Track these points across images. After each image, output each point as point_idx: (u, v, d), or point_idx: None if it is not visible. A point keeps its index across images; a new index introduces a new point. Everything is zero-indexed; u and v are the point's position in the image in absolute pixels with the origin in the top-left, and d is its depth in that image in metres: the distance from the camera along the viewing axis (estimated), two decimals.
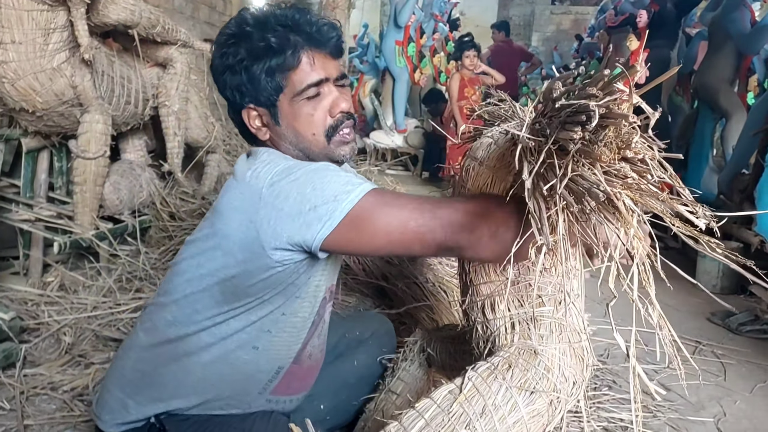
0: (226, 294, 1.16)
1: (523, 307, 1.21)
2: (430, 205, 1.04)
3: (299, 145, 1.19)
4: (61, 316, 1.99)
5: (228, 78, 1.16)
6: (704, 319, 3.08)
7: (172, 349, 1.21)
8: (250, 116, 1.18)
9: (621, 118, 0.80)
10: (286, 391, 1.33)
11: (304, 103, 1.15)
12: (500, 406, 1.11)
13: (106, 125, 2.44)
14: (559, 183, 0.85)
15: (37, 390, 1.70)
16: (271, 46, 1.12)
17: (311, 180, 1.05)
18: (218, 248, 1.13)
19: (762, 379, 2.30)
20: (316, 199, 1.03)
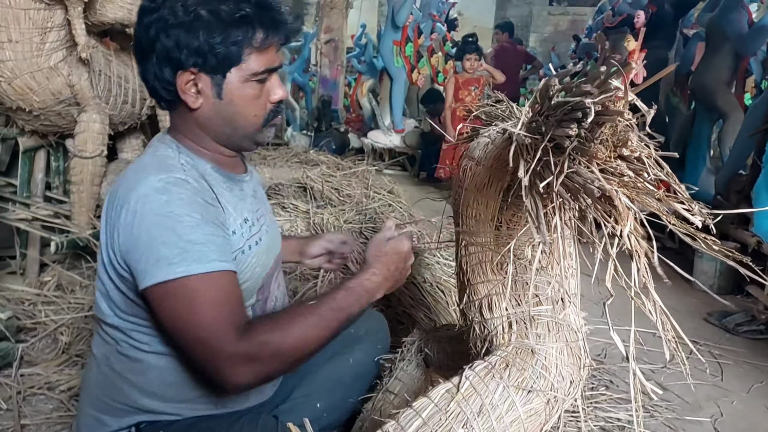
0: (126, 303, 1.12)
1: (521, 307, 1.21)
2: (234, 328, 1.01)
3: (231, 123, 1.14)
4: (58, 315, 1.98)
5: (178, 32, 1.05)
6: (701, 319, 3.08)
7: (123, 360, 1.17)
8: (187, 80, 1.08)
9: (617, 115, 0.80)
10: None
11: (253, 85, 1.12)
12: (497, 405, 1.12)
13: (104, 125, 2.44)
14: (555, 180, 0.86)
15: (34, 390, 1.70)
16: (246, 19, 1.07)
17: (153, 228, 1.01)
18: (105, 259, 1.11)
19: (759, 380, 2.31)
20: (145, 253, 1.00)
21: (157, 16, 1.05)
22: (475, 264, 1.28)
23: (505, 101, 1.34)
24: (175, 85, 1.09)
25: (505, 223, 1.27)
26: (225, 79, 1.09)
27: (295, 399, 1.48)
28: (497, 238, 1.27)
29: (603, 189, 0.81)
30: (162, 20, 1.05)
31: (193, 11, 1.05)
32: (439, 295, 2.26)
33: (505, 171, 1.22)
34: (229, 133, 1.15)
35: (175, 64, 1.07)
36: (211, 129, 1.14)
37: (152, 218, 1.00)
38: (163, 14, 1.05)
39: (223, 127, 1.14)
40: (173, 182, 1.04)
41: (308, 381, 1.50)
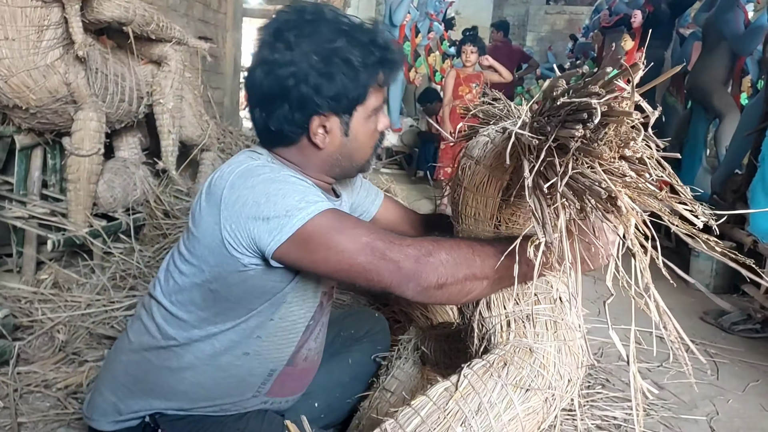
0: (207, 300, 1.16)
1: (519, 305, 1.21)
2: (383, 242, 1.03)
3: (351, 157, 1.20)
4: (54, 313, 1.98)
5: (318, 81, 1.09)
6: (697, 318, 3.10)
7: (162, 354, 1.20)
8: (321, 123, 1.14)
9: (623, 116, 0.80)
10: (281, 392, 1.32)
11: (372, 119, 1.19)
12: (496, 403, 1.12)
13: (100, 123, 2.43)
14: (560, 181, 0.86)
15: (30, 387, 1.69)
16: (375, 64, 1.13)
17: (266, 190, 1.05)
18: (194, 253, 1.14)
19: (754, 378, 2.32)
20: (269, 211, 1.03)
21: (295, 67, 1.09)
22: None
23: (503, 100, 1.34)
24: (305, 128, 1.14)
25: (504, 222, 1.27)
26: (351, 117, 1.16)
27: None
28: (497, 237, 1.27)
29: (609, 191, 0.81)
30: (302, 71, 1.09)
31: (329, 59, 1.09)
32: None
33: (504, 170, 1.22)
34: (345, 166, 1.22)
35: (311, 109, 1.12)
36: (329, 164, 1.20)
37: (267, 183, 1.06)
38: (302, 66, 1.09)
39: (342, 161, 1.20)
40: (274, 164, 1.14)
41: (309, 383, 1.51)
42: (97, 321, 1.97)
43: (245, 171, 1.08)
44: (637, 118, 0.82)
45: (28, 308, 2.01)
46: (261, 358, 1.23)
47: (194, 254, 1.14)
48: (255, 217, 1.04)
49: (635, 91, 0.84)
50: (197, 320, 1.18)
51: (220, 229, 1.07)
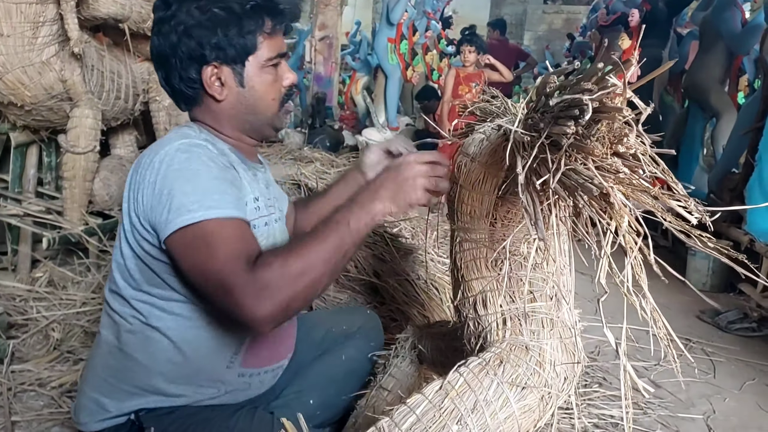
0: (143, 272, 1.16)
1: (515, 303, 1.21)
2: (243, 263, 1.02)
3: (254, 109, 1.22)
4: (49, 312, 1.97)
5: (199, 31, 1.14)
6: (694, 317, 3.10)
7: (132, 339, 1.20)
8: (211, 74, 1.17)
9: (615, 112, 0.79)
10: (257, 362, 1.30)
11: (269, 70, 1.22)
12: (492, 401, 1.11)
13: (96, 120, 2.42)
14: (552, 177, 0.85)
15: (24, 386, 1.68)
16: (255, 9, 1.17)
17: (174, 182, 1.07)
18: (125, 231, 1.16)
19: (751, 377, 2.32)
20: (169, 203, 1.06)
21: (175, 21, 1.15)
22: (469, 260, 1.27)
23: (500, 97, 1.33)
24: (200, 82, 1.17)
25: (500, 220, 1.26)
26: (244, 67, 1.19)
27: (287, 396, 1.48)
28: (492, 235, 1.27)
29: (601, 187, 0.80)
30: (181, 24, 1.14)
31: (209, 10, 1.14)
32: (433, 292, 2.26)
33: (500, 167, 1.22)
34: (252, 120, 1.24)
35: (198, 61, 1.16)
36: (235, 118, 1.22)
37: (174, 173, 1.07)
38: (181, 18, 1.14)
39: (247, 115, 1.23)
40: (194, 145, 1.12)
41: (300, 377, 1.50)
42: (92, 319, 1.96)
43: (164, 154, 1.10)
44: (629, 115, 0.81)
45: (22, 306, 2.01)
46: (225, 326, 1.21)
47: (125, 229, 1.16)
48: (158, 204, 1.07)
49: (627, 87, 0.84)
50: (146, 298, 1.18)
51: (135, 202, 1.11)
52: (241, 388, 1.29)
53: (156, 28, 1.18)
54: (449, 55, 8.78)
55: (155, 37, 1.19)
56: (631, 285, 0.90)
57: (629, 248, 0.87)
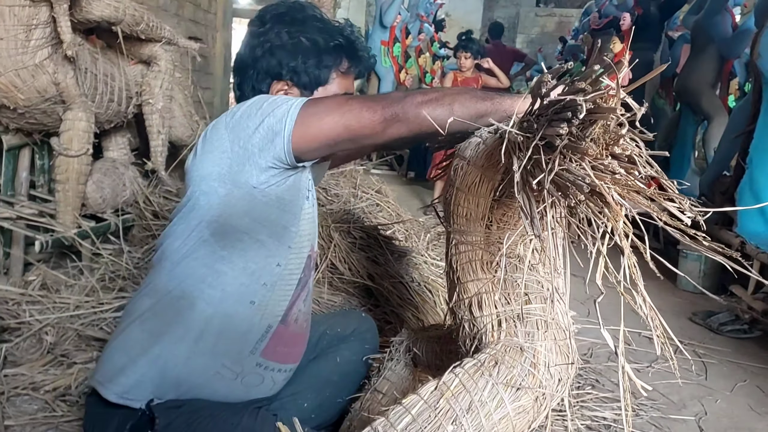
0: (216, 235, 1.22)
1: (510, 305, 1.22)
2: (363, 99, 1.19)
3: None
4: (42, 315, 1.96)
5: (282, 53, 1.28)
6: (686, 318, 3.12)
7: (175, 302, 1.23)
8: (280, 88, 1.30)
9: (608, 113, 0.80)
10: (273, 356, 1.34)
11: None
12: (486, 402, 1.12)
13: (89, 123, 2.41)
14: (546, 177, 0.86)
15: (18, 390, 1.67)
16: (337, 48, 1.31)
17: (264, 99, 1.19)
18: (199, 196, 1.21)
19: (742, 378, 2.34)
20: (273, 108, 1.15)
21: (264, 38, 1.29)
22: (465, 262, 1.28)
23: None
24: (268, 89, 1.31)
25: (496, 222, 1.27)
26: (312, 95, 1.30)
27: (282, 398, 1.49)
28: (488, 237, 1.28)
29: (593, 185, 0.81)
30: (269, 42, 1.28)
31: (296, 37, 1.28)
32: (427, 295, 2.27)
33: (496, 170, 1.22)
34: None
35: (273, 76, 1.30)
36: None
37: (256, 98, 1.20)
38: (270, 37, 1.28)
39: None
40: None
41: (296, 380, 1.51)
42: (86, 323, 1.96)
43: (237, 105, 1.22)
44: (623, 116, 0.82)
45: (15, 310, 1.99)
46: (263, 310, 1.28)
47: (198, 194, 1.22)
48: (262, 119, 1.15)
49: (621, 88, 0.85)
50: (209, 261, 1.22)
51: (228, 156, 1.17)
52: (255, 381, 1.33)
53: (246, 39, 1.32)
54: (442, 57, 8.80)
55: (243, 46, 1.33)
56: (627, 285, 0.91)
57: (625, 247, 0.87)
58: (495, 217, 1.27)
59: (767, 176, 3.55)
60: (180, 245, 1.24)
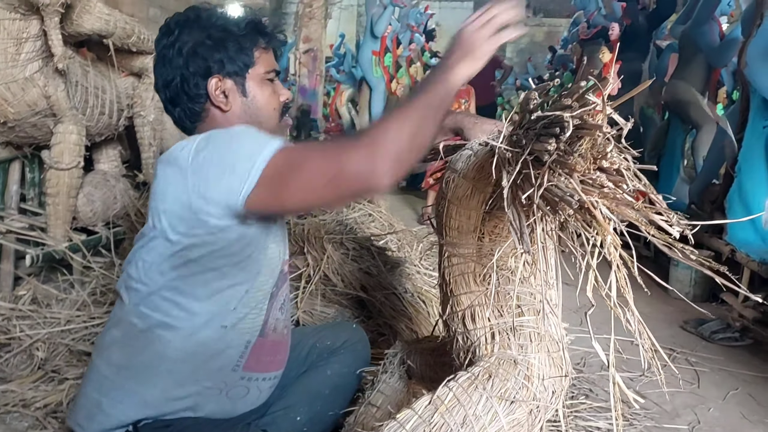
0: (178, 269, 1.20)
1: (503, 317, 1.22)
2: (333, 150, 1.10)
3: (257, 118, 1.30)
4: (33, 330, 1.95)
5: (203, 50, 1.25)
6: (677, 327, 3.13)
7: (143, 337, 1.23)
8: (216, 86, 1.25)
9: (595, 129, 0.81)
10: (257, 367, 1.35)
11: (267, 83, 1.32)
12: (481, 416, 1.12)
13: (80, 136, 2.41)
14: (535, 192, 0.87)
15: (8, 407, 1.66)
16: (251, 28, 1.29)
17: (228, 144, 1.14)
18: (160, 230, 1.18)
19: (734, 387, 2.34)
20: (234, 161, 1.10)
21: (180, 44, 1.25)
22: (458, 275, 1.28)
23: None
24: (205, 95, 1.26)
25: (488, 235, 1.28)
26: (245, 80, 1.29)
27: (274, 413, 1.48)
28: (480, 249, 1.28)
29: (582, 202, 0.82)
30: (186, 44, 1.25)
31: (210, 32, 1.26)
32: (421, 306, 2.27)
33: (487, 182, 1.23)
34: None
35: (204, 75, 1.25)
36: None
37: (222, 142, 1.14)
38: (185, 40, 1.25)
39: (251, 123, 1.27)
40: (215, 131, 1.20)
41: (287, 394, 1.51)
42: (77, 338, 1.94)
43: (206, 137, 1.16)
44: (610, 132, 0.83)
45: (5, 325, 1.98)
46: (237, 329, 1.28)
47: (159, 228, 1.18)
48: (221, 174, 1.10)
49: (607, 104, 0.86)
50: (172, 295, 1.21)
51: (188, 195, 1.12)
52: (241, 393, 1.34)
53: (161, 56, 1.28)
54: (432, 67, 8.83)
55: (160, 66, 1.28)
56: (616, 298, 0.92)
57: (614, 261, 0.88)
58: (486, 229, 1.28)
59: (756, 184, 3.58)
60: (142, 277, 1.22)
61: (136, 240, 1.27)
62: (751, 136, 3.62)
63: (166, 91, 1.28)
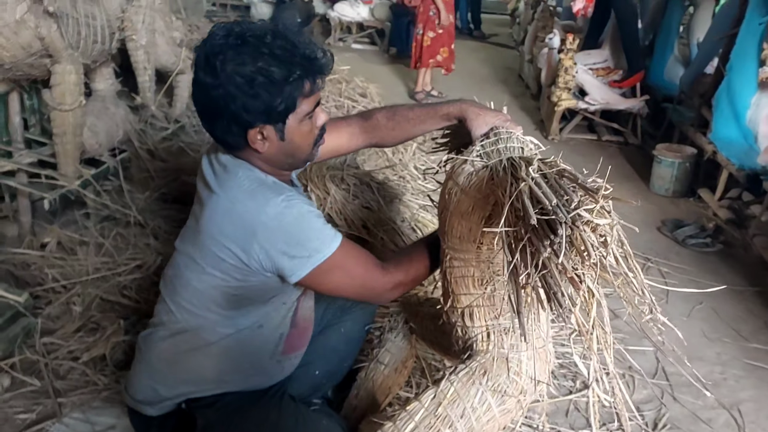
0: (230, 302, 1.37)
1: (498, 320, 1.40)
2: (372, 279, 1.39)
3: (293, 155, 1.36)
4: (67, 280, 2.12)
5: (244, 100, 1.22)
6: (655, 229, 3.34)
7: (189, 339, 1.41)
8: (256, 134, 1.28)
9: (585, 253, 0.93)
10: (292, 349, 1.56)
11: (306, 122, 1.33)
12: (477, 407, 1.34)
13: (79, 75, 2.41)
14: (532, 277, 1.01)
15: (59, 360, 1.87)
16: (298, 76, 1.24)
17: (293, 231, 1.27)
18: (215, 268, 1.32)
19: (699, 301, 2.60)
20: (295, 252, 1.27)
21: (221, 90, 1.22)
22: (458, 277, 1.44)
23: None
24: (244, 139, 1.29)
25: (486, 244, 1.41)
26: (285, 125, 1.30)
27: (297, 368, 1.69)
28: (478, 256, 1.42)
29: (573, 302, 0.96)
30: (228, 93, 1.22)
31: (252, 81, 1.21)
32: (417, 236, 2.44)
33: (486, 202, 1.35)
34: (290, 162, 1.40)
35: (243, 124, 1.26)
36: (276, 162, 1.37)
37: (292, 223, 1.27)
38: (229, 90, 1.22)
39: (286, 159, 1.37)
40: (290, 197, 1.30)
41: (307, 352, 1.71)
42: (106, 287, 2.12)
43: (277, 214, 1.26)
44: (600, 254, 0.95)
45: (39, 275, 2.14)
46: (272, 327, 1.47)
47: (214, 265, 1.32)
48: (282, 255, 1.27)
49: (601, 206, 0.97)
50: (218, 317, 1.39)
51: (248, 257, 1.27)
52: (278, 371, 1.55)
53: (201, 89, 1.26)
54: None
55: (200, 93, 1.27)
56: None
57: (596, 334, 1.04)
58: (485, 240, 1.41)
59: (744, 83, 3.64)
60: (193, 300, 1.38)
61: (182, 253, 1.41)
62: (746, 32, 3.60)
63: (205, 120, 1.32)
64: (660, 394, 2.08)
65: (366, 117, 1.66)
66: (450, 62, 5.65)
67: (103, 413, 1.73)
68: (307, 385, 1.73)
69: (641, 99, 4.60)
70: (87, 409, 1.73)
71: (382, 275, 1.38)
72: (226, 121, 1.26)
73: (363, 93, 4.30)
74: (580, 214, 0.95)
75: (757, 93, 3.62)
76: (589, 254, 0.97)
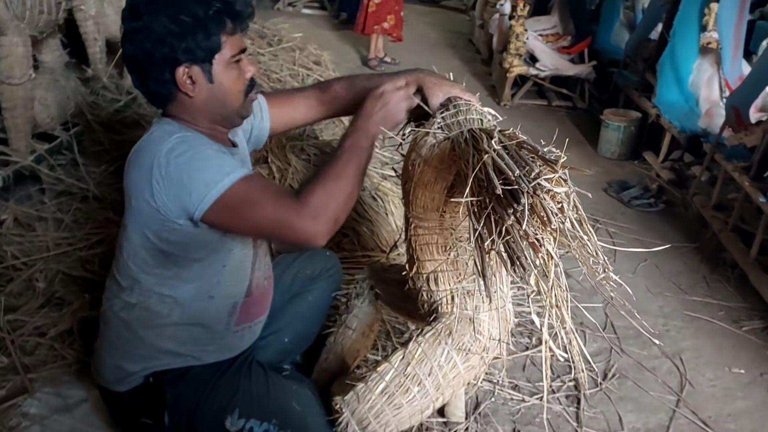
0: (160, 260, 1.41)
1: (461, 283, 1.48)
2: (291, 198, 1.30)
3: (223, 102, 1.39)
4: (26, 257, 2.10)
5: (171, 40, 1.28)
6: (601, 190, 3.49)
7: (140, 315, 1.45)
8: (183, 73, 1.32)
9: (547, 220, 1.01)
10: (248, 318, 1.58)
11: (233, 66, 1.38)
12: (443, 365, 1.43)
13: (27, 48, 2.34)
14: (497, 243, 1.08)
15: (25, 336, 1.87)
16: (217, 12, 1.31)
17: (188, 167, 1.28)
18: (135, 223, 1.38)
19: (643, 258, 2.76)
20: (191, 185, 1.27)
21: (147, 31, 1.28)
22: (423, 244, 1.51)
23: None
24: (173, 82, 1.33)
25: (449, 212, 1.48)
26: (212, 65, 1.34)
27: (266, 337, 1.75)
28: (441, 224, 1.49)
29: (535, 266, 1.04)
30: (154, 33, 1.28)
31: (177, 18, 1.28)
32: (379, 205, 2.50)
33: (448, 172, 1.41)
34: (222, 112, 1.41)
35: (171, 64, 1.31)
36: (207, 111, 1.39)
37: (184, 160, 1.28)
38: (154, 28, 1.28)
39: (217, 107, 1.39)
40: (188, 135, 1.34)
41: (275, 320, 1.77)
42: (68, 262, 2.11)
43: (169, 150, 1.29)
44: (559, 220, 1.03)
45: None
46: (223, 296, 1.50)
47: (135, 221, 1.38)
48: (180, 193, 1.28)
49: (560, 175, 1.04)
50: (158, 281, 1.42)
51: (155, 201, 1.30)
52: (237, 341, 1.57)
53: (128, 36, 1.32)
54: None
55: (128, 44, 1.33)
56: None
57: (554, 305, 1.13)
58: (448, 208, 1.48)
59: (687, 49, 3.79)
60: (129, 261, 1.42)
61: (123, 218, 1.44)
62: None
63: (133, 71, 1.37)
64: (609, 347, 2.23)
65: (323, 89, 1.68)
66: (397, 30, 5.64)
67: (74, 387, 1.76)
68: (277, 351, 1.79)
69: (589, 65, 4.73)
70: (58, 383, 1.75)
71: (296, 203, 1.28)
72: (155, 66, 1.31)
73: (317, 61, 4.27)
74: (540, 184, 1.02)
75: (698, 58, 3.77)
76: (549, 220, 1.05)
